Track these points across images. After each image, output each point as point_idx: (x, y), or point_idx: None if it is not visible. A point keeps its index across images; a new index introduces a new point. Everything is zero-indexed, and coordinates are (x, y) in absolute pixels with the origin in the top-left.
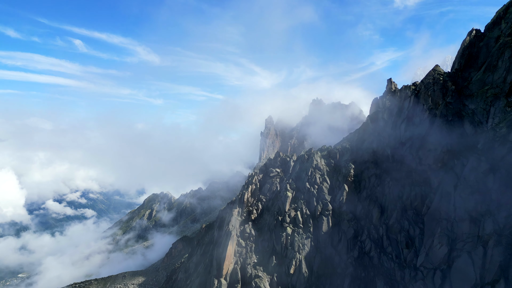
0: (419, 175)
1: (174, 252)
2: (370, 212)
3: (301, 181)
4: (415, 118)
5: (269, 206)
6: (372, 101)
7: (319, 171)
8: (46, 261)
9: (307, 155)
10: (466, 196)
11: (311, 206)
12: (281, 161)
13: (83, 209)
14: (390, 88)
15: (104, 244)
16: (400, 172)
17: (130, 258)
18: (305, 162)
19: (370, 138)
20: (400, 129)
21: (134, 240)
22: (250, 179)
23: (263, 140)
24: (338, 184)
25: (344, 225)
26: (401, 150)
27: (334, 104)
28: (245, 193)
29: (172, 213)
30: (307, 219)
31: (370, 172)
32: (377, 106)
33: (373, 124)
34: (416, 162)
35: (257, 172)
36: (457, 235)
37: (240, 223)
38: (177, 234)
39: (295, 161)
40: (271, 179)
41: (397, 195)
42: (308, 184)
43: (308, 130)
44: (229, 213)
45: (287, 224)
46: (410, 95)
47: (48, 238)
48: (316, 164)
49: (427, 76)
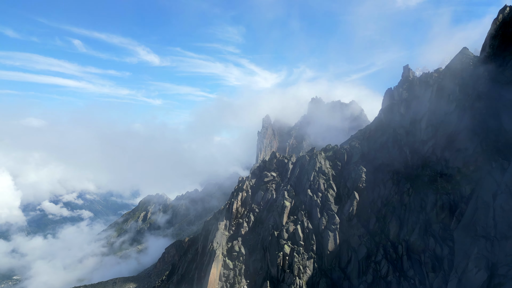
0: (446, 180)
1: (167, 257)
2: (386, 226)
3: (302, 188)
4: (439, 112)
5: (263, 218)
6: (385, 92)
7: (323, 176)
8: (36, 265)
9: (309, 156)
10: (510, 208)
11: (314, 219)
12: (278, 163)
13: (80, 210)
14: (407, 76)
15: (98, 246)
16: (423, 177)
17: (124, 262)
18: (307, 165)
19: (384, 136)
20: (420, 125)
21: (128, 243)
22: (240, 185)
23: (260, 140)
24: (347, 191)
25: (355, 242)
26: (423, 149)
27: (334, 103)
28: (234, 202)
29: (167, 215)
30: (309, 234)
31: (386, 177)
32: (392, 97)
33: (387, 119)
34: (442, 164)
35: (249, 176)
36: (499, 257)
37: (227, 239)
38: (172, 237)
39: (295, 163)
40: (265, 185)
41: (419, 205)
42: (310, 191)
43: (307, 129)
44: (215, 226)
45: (284, 241)
46: (433, 84)
47: (41, 240)
48: (320, 166)
49: (453, 61)
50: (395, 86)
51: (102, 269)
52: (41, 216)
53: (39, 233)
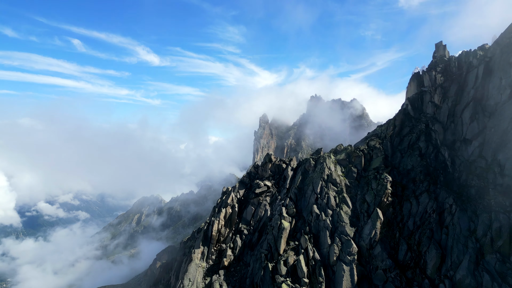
0: (502, 193)
1: (158, 264)
2: (422, 257)
3: (305, 202)
4: (489, 100)
5: (254, 243)
6: (412, 77)
7: (334, 186)
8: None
9: (314, 160)
10: None
11: (323, 246)
12: (274, 169)
13: (76, 211)
14: (442, 55)
15: (91, 249)
16: (469, 189)
17: (115, 267)
18: (312, 171)
19: (413, 134)
20: (463, 119)
21: (121, 247)
22: (224, 197)
23: (256, 140)
24: (367, 207)
25: (379, 278)
26: (467, 151)
27: (334, 101)
28: (215, 222)
29: (162, 218)
30: (316, 268)
31: (419, 189)
32: (420, 83)
33: (415, 111)
34: (496, 172)
35: (235, 186)
36: None
37: (204, 273)
38: (166, 240)
39: (295, 168)
40: (257, 197)
41: (466, 228)
42: (316, 207)
43: (306, 129)
44: (188, 256)
45: (282, 278)
46: (478, 64)
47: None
48: (330, 174)
49: (505, 34)
50: (426, 69)
51: (93, 274)
52: (36, 217)
53: (33, 234)
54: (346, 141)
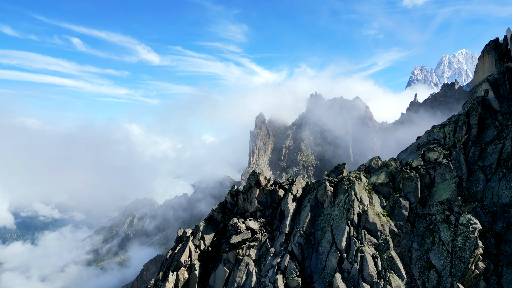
0: None
1: (145, 275)
2: None
3: (320, 264)
4: None
5: None
6: (486, 48)
7: (372, 236)
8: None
9: (334, 184)
10: None
11: None
12: (265, 197)
13: (72, 212)
14: None
15: (82, 254)
16: None
17: (103, 275)
18: (330, 205)
19: (503, 139)
20: None
21: (112, 253)
22: (177, 251)
23: (252, 140)
24: (437, 279)
25: None
26: None
27: (335, 100)
28: None
29: (155, 221)
30: None
31: None
32: (501, 56)
33: (503, 101)
34: None
35: (198, 228)
36: None
37: None
38: (158, 245)
39: (301, 198)
40: (234, 250)
41: None
42: (341, 278)
43: (306, 129)
44: None
45: None
46: None
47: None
48: (364, 212)
49: None
50: None
51: (81, 281)
52: (31, 218)
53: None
54: (348, 142)
